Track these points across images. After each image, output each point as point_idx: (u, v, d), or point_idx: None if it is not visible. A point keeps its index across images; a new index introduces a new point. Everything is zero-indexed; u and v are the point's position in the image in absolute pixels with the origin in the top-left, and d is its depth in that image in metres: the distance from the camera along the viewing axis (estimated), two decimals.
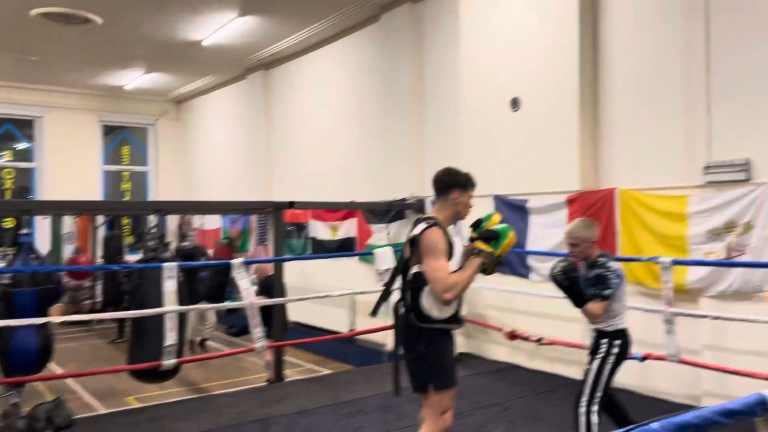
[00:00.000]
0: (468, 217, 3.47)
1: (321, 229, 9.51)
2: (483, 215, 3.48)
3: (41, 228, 11.42)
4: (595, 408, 3.68)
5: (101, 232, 12.19)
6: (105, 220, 12.12)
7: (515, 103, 6.47)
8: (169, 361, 5.52)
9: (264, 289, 6.97)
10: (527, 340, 6.19)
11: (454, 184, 3.35)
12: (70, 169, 13.31)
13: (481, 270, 3.32)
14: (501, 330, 6.51)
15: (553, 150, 6.14)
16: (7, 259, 6.89)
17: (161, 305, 5.49)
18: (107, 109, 13.99)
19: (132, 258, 10.42)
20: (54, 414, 4.78)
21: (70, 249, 11.47)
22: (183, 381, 7.16)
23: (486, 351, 6.98)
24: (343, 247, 8.97)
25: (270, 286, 6.90)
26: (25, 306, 5.32)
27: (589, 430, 3.66)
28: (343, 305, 8.75)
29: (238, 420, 5.14)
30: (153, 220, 6.50)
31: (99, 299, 11.43)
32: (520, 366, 6.52)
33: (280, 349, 6.69)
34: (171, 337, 5.49)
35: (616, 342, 3.78)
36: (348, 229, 9.00)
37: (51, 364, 6.18)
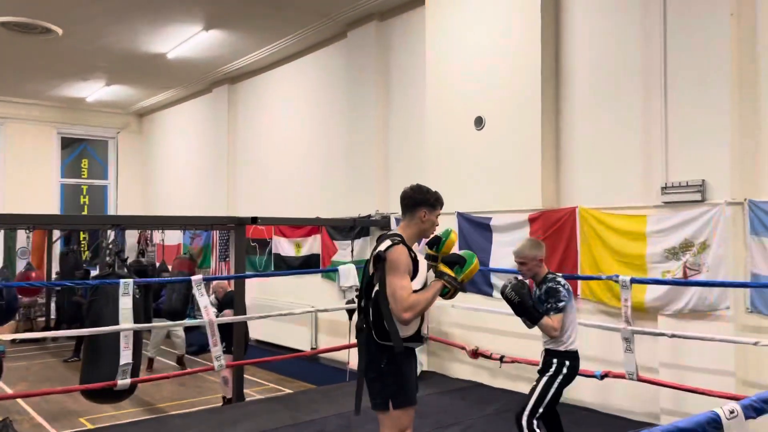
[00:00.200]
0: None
1: (285, 246, 9.40)
2: (442, 232, 3.46)
3: None
4: (535, 422, 3.76)
5: (57, 248, 11.85)
6: (61, 234, 11.79)
7: (479, 121, 6.52)
8: (124, 381, 5.35)
9: (223, 306, 6.83)
10: (490, 358, 6.19)
11: (422, 202, 3.33)
12: (26, 181, 12.98)
13: (442, 293, 3.31)
14: (464, 348, 6.49)
15: (515, 168, 6.20)
16: None
17: (116, 323, 5.32)
18: (66, 121, 13.70)
19: (92, 274, 10.14)
20: None
21: (23, 264, 11.10)
22: (138, 401, 6.95)
23: (449, 369, 6.95)
24: (308, 264, 8.88)
25: (230, 303, 6.76)
26: None
27: None
28: (305, 323, 8.65)
29: None
30: (111, 235, 6.33)
31: (53, 317, 11.08)
32: (483, 384, 6.50)
33: (240, 368, 6.55)
34: (126, 356, 5.32)
35: (566, 363, 3.83)
36: (312, 245, 8.92)
37: None
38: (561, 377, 3.81)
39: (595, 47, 5.85)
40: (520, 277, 4.08)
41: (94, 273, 8.36)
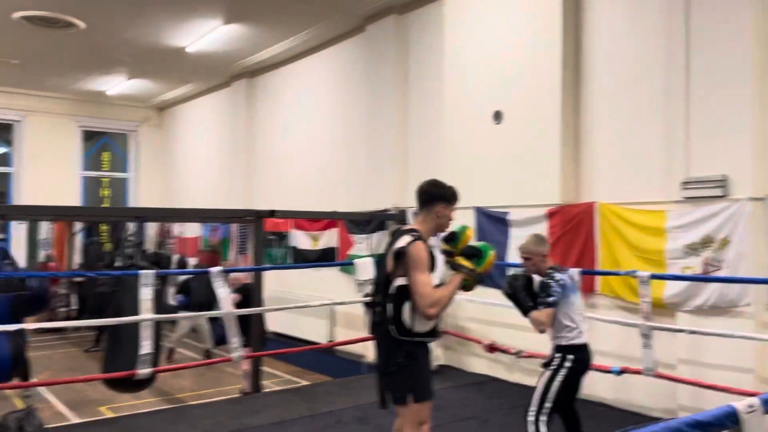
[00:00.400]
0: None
1: (302, 239, 9.45)
2: (456, 227, 3.47)
3: (17, 234, 11.24)
4: (543, 419, 3.74)
5: (79, 239, 12.02)
6: (82, 226, 11.95)
7: (498, 116, 6.50)
8: (144, 371, 5.43)
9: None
10: (506, 352, 6.19)
11: (439, 197, 3.34)
12: (48, 174, 13.13)
13: (462, 286, 3.32)
14: (480, 342, 6.50)
15: (534, 163, 6.17)
16: None
17: (137, 313, 5.40)
18: (88, 114, 13.84)
19: (117, 265, 10.25)
20: (25, 423, 4.67)
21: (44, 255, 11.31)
22: (158, 391, 7.05)
23: (465, 363, 6.96)
24: (324, 257, 8.92)
25: (245, 294, 6.81)
26: None
27: None
28: (322, 316, 8.70)
29: (213, 431, 5.06)
30: (132, 227, 6.41)
31: (74, 307, 11.25)
32: (499, 378, 6.51)
33: (257, 360, 6.61)
34: (146, 346, 5.40)
35: (569, 357, 3.83)
36: (329, 239, 8.97)
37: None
38: (564, 371, 3.80)
39: (616, 40, 5.80)
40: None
41: (117, 264, 8.45)
